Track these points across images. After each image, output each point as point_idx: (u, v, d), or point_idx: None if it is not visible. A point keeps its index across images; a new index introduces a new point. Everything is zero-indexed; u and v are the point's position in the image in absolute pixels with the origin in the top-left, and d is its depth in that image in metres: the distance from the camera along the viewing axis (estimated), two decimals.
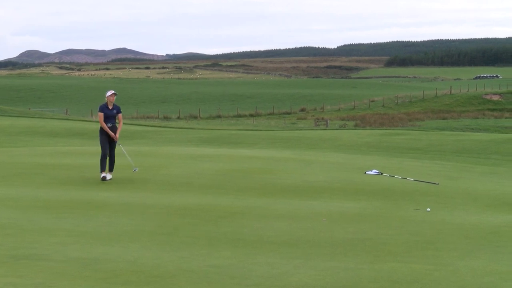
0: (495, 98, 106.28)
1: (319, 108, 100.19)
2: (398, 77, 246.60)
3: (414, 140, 37.54)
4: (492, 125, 72.24)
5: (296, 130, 54.80)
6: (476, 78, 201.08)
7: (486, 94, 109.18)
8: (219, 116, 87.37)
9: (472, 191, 15.86)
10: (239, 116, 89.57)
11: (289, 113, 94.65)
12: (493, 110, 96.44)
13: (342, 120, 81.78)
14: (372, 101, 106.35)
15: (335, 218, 11.72)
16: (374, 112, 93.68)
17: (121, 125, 16.70)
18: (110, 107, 16.42)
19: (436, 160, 26.74)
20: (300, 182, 16.48)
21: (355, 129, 58.85)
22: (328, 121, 74.67)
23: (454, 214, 12.47)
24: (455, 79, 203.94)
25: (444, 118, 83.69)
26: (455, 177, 19.02)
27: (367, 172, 18.83)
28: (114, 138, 16.36)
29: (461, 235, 10.29)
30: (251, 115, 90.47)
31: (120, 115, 16.56)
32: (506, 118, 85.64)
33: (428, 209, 12.89)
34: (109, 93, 16.34)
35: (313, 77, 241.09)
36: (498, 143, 35.74)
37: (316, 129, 56.91)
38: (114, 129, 16.46)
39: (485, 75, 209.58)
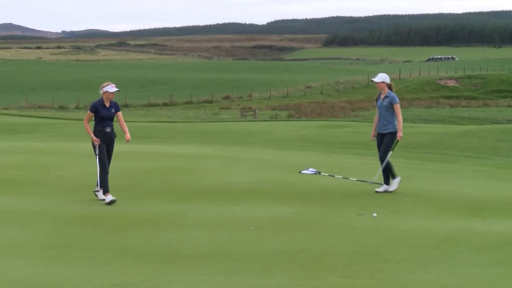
0: (451, 83, 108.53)
1: (246, 96, 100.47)
2: (339, 59, 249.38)
3: (357, 133, 37.97)
4: (447, 115, 73.71)
5: (218, 121, 54.89)
6: (429, 60, 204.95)
7: (441, 79, 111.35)
8: (126, 106, 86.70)
9: (424, 192, 16.08)
10: (151, 105, 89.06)
11: (210, 102, 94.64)
12: (448, 97, 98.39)
13: (273, 109, 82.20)
14: (309, 87, 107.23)
15: (264, 225, 11.78)
16: (310, 100, 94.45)
17: (125, 124, 14.37)
18: (108, 105, 14.15)
19: None
20: (223, 184, 16.47)
21: (289, 120, 59.24)
22: (256, 111, 74.97)
23: (403, 220, 12.60)
24: (404, 61, 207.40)
25: None
26: (405, 177, 19.24)
27: (302, 171, 18.90)
28: (121, 140, 14.39)
29: (411, 244, 10.42)
30: (165, 104, 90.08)
31: (119, 113, 14.34)
32: (463, 107, 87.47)
33: (374, 214, 13.00)
34: (111, 88, 14.13)
35: (239, 59, 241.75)
36: (454, 136, 36.46)
37: (243, 121, 57.05)
38: (112, 134, 14.30)
39: (439, 57, 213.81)
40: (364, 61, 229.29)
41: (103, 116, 14.11)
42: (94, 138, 14.08)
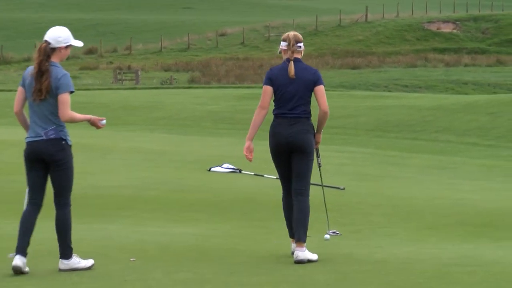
0: (447, 28, 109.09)
1: (122, 49, 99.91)
2: None
3: None
4: (440, 78, 74.22)
5: (78, 90, 54.41)
6: None
7: (431, 21, 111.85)
8: None
9: (404, 201, 16.26)
10: None
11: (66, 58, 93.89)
12: (442, 51, 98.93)
13: (167, 70, 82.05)
14: (223, 35, 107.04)
15: (151, 256, 11.84)
16: (226, 55, 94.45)
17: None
18: None
19: (341, 145, 27.21)
20: (82, 190, 16.24)
21: (191, 87, 59.23)
22: (139, 72, 74.72)
23: (372, 245, 12.75)
24: None
25: (354, 67, 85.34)
26: (374, 176, 19.44)
27: (212, 169, 19.17)
28: None
29: (384, 283, 10.47)
30: None
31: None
32: (465, 65, 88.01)
33: (327, 236, 13.12)
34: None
35: None
36: (452, 113, 36.77)
37: (118, 88, 56.95)
38: None
39: None
40: None
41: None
42: None
